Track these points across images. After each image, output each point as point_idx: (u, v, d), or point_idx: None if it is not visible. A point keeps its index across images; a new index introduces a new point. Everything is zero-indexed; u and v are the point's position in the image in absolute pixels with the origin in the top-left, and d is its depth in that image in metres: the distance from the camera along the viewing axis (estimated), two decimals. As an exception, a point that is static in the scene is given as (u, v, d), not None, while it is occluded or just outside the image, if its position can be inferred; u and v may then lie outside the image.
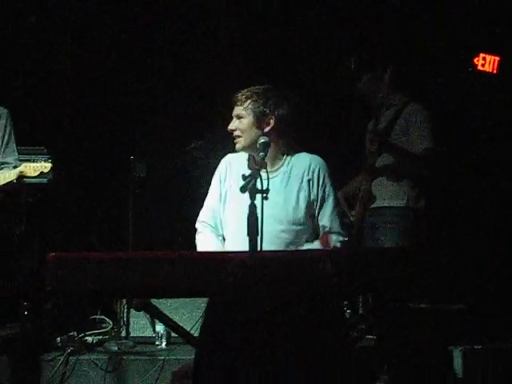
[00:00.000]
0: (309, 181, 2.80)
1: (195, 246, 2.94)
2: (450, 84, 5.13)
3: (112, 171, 5.08)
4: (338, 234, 2.82)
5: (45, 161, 4.21)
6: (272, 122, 2.77)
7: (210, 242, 2.86)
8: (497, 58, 5.20)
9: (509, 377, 3.75)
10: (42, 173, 4.13)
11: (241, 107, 2.80)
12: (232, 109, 2.86)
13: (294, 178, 2.81)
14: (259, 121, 2.77)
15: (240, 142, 2.82)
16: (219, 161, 2.99)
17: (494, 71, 5.21)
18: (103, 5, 5.22)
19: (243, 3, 5.25)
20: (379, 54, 4.13)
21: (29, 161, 4.21)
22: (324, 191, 2.80)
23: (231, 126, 2.84)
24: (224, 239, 2.91)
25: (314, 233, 2.86)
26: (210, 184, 2.98)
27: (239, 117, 2.81)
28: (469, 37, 5.14)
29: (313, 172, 2.81)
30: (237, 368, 2.17)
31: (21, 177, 4.12)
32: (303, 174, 2.81)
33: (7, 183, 4.11)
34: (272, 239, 2.68)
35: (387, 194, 3.75)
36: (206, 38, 5.29)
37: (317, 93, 5.15)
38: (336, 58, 4.39)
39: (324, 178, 2.81)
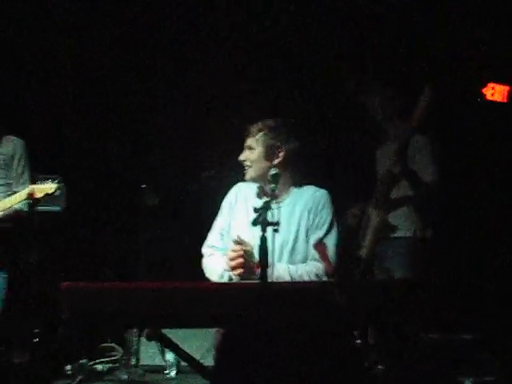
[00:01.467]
0: (309, 209, 2.84)
1: (202, 273, 2.95)
2: (460, 114, 5.16)
3: (124, 200, 5.11)
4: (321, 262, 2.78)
5: (52, 181, 4.19)
6: (281, 155, 2.85)
7: (220, 262, 2.85)
8: (506, 88, 5.23)
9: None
10: (47, 194, 4.10)
11: (252, 139, 2.90)
12: (244, 140, 2.95)
13: (298, 209, 2.85)
14: (269, 153, 2.86)
15: (249, 173, 2.90)
16: (230, 189, 3.05)
17: (505, 100, 5.23)
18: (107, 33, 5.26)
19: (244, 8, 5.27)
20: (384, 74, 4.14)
21: (35, 183, 4.21)
22: (320, 219, 2.83)
23: (242, 157, 2.92)
24: None
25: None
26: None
27: (250, 148, 2.90)
28: (477, 67, 5.18)
29: (313, 201, 2.85)
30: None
31: (32, 202, 4.12)
32: (306, 204, 2.85)
33: (17, 209, 4.12)
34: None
35: (395, 225, 3.76)
36: (222, 63, 5.34)
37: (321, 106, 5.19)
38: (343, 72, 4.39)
39: (323, 207, 2.84)
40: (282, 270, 2.67)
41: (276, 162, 2.84)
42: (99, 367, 4.36)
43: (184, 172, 5.19)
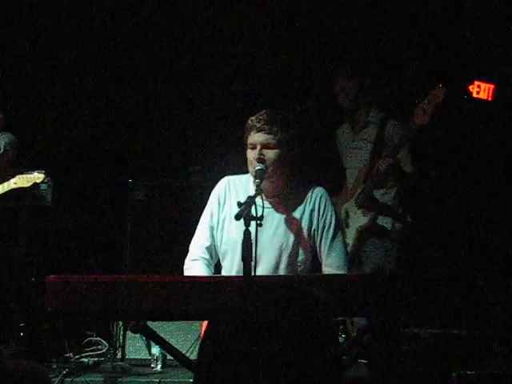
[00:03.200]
0: (311, 211, 2.76)
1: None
2: (446, 110, 5.19)
3: (110, 194, 5.12)
4: (338, 268, 2.75)
5: (38, 172, 4.24)
6: (295, 153, 2.74)
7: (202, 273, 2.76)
8: (491, 86, 5.28)
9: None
10: (35, 183, 4.16)
11: (270, 136, 2.69)
12: (247, 134, 2.75)
13: (297, 209, 2.76)
14: (290, 152, 2.72)
15: (269, 173, 2.69)
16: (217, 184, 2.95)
17: (490, 98, 5.27)
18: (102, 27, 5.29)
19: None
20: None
21: (21, 173, 4.25)
22: (325, 220, 2.76)
23: (259, 155, 2.69)
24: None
25: (310, 266, 2.81)
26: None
27: (269, 147, 2.70)
28: (464, 65, 5.22)
29: (314, 201, 2.77)
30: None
31: (15, 190, 4.18)
32: (305, 204, 2.76)
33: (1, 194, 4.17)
34: (269, 270, 2.70)
35: (384, 226, 3.76)
36: (206, 59, 5.35)
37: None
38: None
39: (325, 207, 2.76)
40: None
41: (292, 160, 2.72)
42: (85, 361, 4.37)
43: (170, 166, 5.20)
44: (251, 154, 2.73)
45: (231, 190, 2.84)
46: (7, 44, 5.00)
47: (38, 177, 4.18)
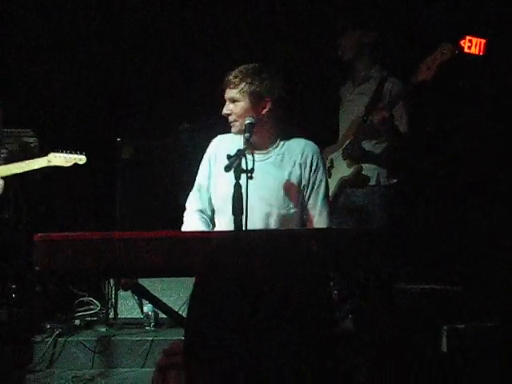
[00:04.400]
0: (301, 165, 2.75)
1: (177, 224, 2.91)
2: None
3: (99, 153, 5.07)
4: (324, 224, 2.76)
5: (77, 153, 4.23)
6: (269, 104, 2.69)
7: (196, 227, 2.82)
8: (483, 41, 5.21)
9: (487, 353, 3.80)
10: (75, 164, 4.18)
11: (235, 90, 2.69)
12: (224, 90, 2.74)
13: (287, 162, 2.76)
14: (255, 104, 2.68)
15: (236, 127, 2.73)
16: (207, 143, 2.94)
17: (481, 53, 5.21)
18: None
19: None
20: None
21: (55, 151, 4.22)
22: (316, 177, 2.76)
23: (226, 111, 2.73)
24: (213, 225, 2.90)
25: (301, 221, 2.81)
26: (197, 166, 2.93)
27: (234, 100, 2.71)
28: (455, 19, 5.16)
29: (306, 156, 2.76)
30: (227, 345, 2.19)
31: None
32: (296, 158, 2.76)
33: (33, 170, 4.18)
34: (259, 222, 2.69)
35: (368, 176, 3.75)
36: (195, 17, 5.27)
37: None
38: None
39: (317, 164, 2.76)
40: None
41: (264, 112, 2.69)
42: (77, 321, 4.39)
43: (159, 125, 5.15)
44: None
45: (223, 148, 2.82)
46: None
47: (80, 158, 4.20)
